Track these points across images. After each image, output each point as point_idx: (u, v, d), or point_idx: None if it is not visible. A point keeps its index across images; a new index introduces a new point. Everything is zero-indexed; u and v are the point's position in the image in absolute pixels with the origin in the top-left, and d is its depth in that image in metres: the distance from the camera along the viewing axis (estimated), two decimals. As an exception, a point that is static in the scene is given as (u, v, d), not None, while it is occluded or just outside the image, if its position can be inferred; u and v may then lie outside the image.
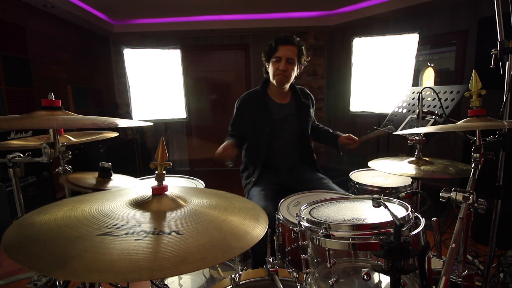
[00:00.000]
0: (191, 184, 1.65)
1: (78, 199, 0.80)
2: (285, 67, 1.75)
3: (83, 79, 4.50)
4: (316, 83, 5.24)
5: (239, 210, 0.76)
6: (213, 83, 5.46)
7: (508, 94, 1.23)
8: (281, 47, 1.75)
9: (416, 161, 1.42)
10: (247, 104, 1.90)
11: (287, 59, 1.74)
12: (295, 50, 1.75)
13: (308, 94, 1.99)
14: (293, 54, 1.75)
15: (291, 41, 1.75)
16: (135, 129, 5.12)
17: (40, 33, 3.68)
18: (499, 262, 1.77)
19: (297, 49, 1.76)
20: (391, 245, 0.66)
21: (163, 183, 0.78)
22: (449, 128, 1.04)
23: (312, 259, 0.94)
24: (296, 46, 1.76)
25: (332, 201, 1.10)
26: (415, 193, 1.36)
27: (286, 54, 1.74)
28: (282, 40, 1.75)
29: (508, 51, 1.19)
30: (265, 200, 1.58)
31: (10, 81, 3.16)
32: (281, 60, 1.75)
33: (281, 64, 1.75)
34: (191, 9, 4.45)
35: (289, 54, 1.74)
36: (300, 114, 1.89)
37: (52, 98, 0.98)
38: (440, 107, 1.63)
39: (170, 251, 0.55)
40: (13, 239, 0.60)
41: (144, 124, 1.00)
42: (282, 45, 1.75)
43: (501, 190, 1.27)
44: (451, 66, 3.98)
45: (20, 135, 2.54)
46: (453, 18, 3.79)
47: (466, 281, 1.11)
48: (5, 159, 1.06)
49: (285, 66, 1.75)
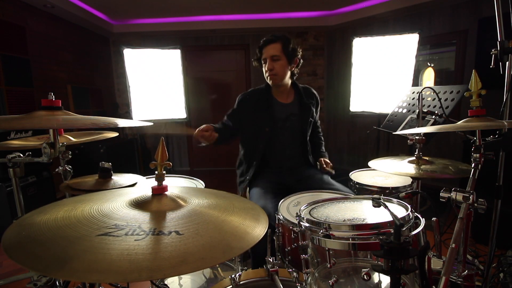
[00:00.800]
0: (191, 184, 1.65)
1: (78, 199, 0.80)
2: (271, 66, 1.78)
3: (83, 79, 4.50)
4: (316, 83, 5.24)
5: (239, 210, 0.76)
6: (213, 83, 5.46)
7: (508, 94, 1.23)
8: (263, 49, 1.81)
9: (416, 161, 1.42)
10: (250, 100, 1.90)
11: (272, 57, 1.78)
12: (277, 47, 1.78)
13: (313, 93, 1.99)
14: (276, 51, 1.77)
15: (271, 41, 1.79)
16: (135, 129, 5.12)
17: (40, 33, 3.68)
18: (499, 262, 1.77)
19: (280, 44, 1.78)
20: (391, 245, 0.66)
21: (163, 183, 0.78)
22: (449, 128, 1.04)
23: (312, 259, 0.94)
24: (278, 42, 1.78)
25: (332, 201, 1.10)
26: (415, 193, 1.36)
27: (269, 53, 1.78)
28: (263, 43, 1.82)
29: (508, 51, 1.19)
30: (265, 198, 1.58)
31: (10, 81, 3.16)
32: (267, 61, 1.80)
33: (267, 64, 1.80)
34: (191, 9, 4.45)
35: (272, 52, 1.78)
36: (302, 114, 1.89)
37: (52, 98, 0.98)
38: (440, 107, 1.63)
39: (169, 252, 0.55)
40: (13, 239, 0.60)
41: (144, 124, 1.00)
42: (264, 47, 1.81)
43: (501, 190, 1.27)
44: (451, 66, 3.98)
45: (20, 135, 2.54)
46: (453, 18, 3.79)
47: (466, 281, 1.11)
48: (5, 159, 1.06)
49: (271, 65, 1.78)
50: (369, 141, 4.75)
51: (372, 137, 4.37)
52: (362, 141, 4.94)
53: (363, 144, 4.92)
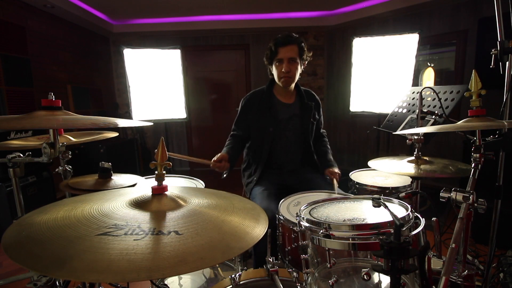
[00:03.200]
0: (191, 184, 1.65)
1: (78, 199, 0.80)
2: (288, 68, 1.74)
3: (83, 79, 4.50)
4: (316, 83, 5.24)
5: (239, 210, 0.76)
6: (213, 83, 5.45)
7: (508, 94, 1.23)
8: (281, 49, 1.74)
9: (415, 161, 1.42)
10: (252, 103, 1.89)
11: (289, 59, 1.73)
12: (295, 49, 1.74)
13: (313, 96, 1.98)
14: (294, 53, 1.74)
15: (290, 41, 1.73)
16: (135, 129, 5.12)
17: (40, 33, 3.68)
18: (499, 262, 1.77)
19: (297, 47, 1.74)
20: (391, 245, 0.66)
21: (163, 183, 0.78)
22: (449, 128, 1.04)
23: (312, 259, 0.94)
24: (296, 45, 1.74)
25: (332, 201, 1.10)
26: (415, 193, 1.36)
27: (287, 55, 1.73)
28: (281, 42, 1.74)
29: (508, 51, 1.19)
30: (268, 200, 1.59)
31: (10, 81, 3.16)
32: (283, 62, 1.74)
33: (283, 66, 1.74)
34: (191, 9, 4.45)
35: (290, 54, 1.73)
36: (303, 115, 1.89)
37: (52, 98, 0.99)
38: (440, 107, 1.63)
39: (168, 251, 0.55)
40: (13, 239, 0.60)
41: (144, 124, 1.00)
42: (281, 46, 1.74)
43: (501, 190, 1.27)
44: (451, 66, 3.97)
45: (20, 135, 2.54)
46: (453, 18, 3.79)
47: (466, 281, 1.11)
48: (5, 159, 1.06)
49: (288, 67, 1.74)
50: (369, 141, 4.75)
51: (372, 137, 4.38)
52: (362, 141, 4.94)
53: (363, 144, 4.92)
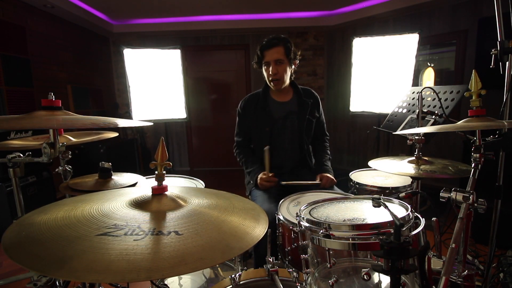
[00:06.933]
0: (191, 184, 1.65)
1: (78, 199, 0.80)
2: (275, 70, 1.76)
3: (83, 79, 4.50)
4: (316, 83, 5.24)
5: (239, 211, 0.76)
6: (213, 83, 5.46)
7: (508, 94, 1.23)
8: (266, 52, 1.77)
9: (416, 161, 1.42)
10: (248, 106, 1.91)
11: (275, 61, 1.76)
12: (280, 50, 1.76)
13: (312, 93, 1.97)
14: (279, 55, 1.76)
15: (274, 44, 1.76)
16: (135, 129, 5.12)
17: (40, 33, 3.68)
18: (499, 262, 1.77)
19: (283, 48, 1.76)
20: (391, 245, 0.66)
21: (163, 183, 0.78)
22: (449, 128, 1.04)
23: (312, 259, 0.94)
24: (281, 46, 1.76)
25: (332, 201, 1.10)
26: (415, 193, 1.36)
27: (273, 57, 1.76)
28: (265, 46, 1.78)
29: (508, 51, 1.19)
30: (269, 202, 1.60)
31: (10, 81, 3.16)
32: (270, 64, 1.77)
33: (270, 68, 1.77)
34: (191, 9, 4.45)
35: (276, 56, 1.75)
36: (301, 112, 1.89)
37: (52, 98, 0.99)
38: (440, 107, 1.63)
39: (168, 252, 0.55)
40: (13, 239, 0.60)
41: (144, 124, 1.00)
42: (266, 50, 1.77)
43: (501, 190, 1.27)
44: (451, 66, 3.97)
45: (20, 135, 2.54)
46: (453, 18, 3.79)
47: (466, 281, 1.11)
48: (5, 159, 1.06)
49: (275, 69, 1.76)
50: (369, 141, 4.75)
51: (372, 137, 4.37)
52: (362, 141, 4.94)
53: (363, 144, 4.92)
